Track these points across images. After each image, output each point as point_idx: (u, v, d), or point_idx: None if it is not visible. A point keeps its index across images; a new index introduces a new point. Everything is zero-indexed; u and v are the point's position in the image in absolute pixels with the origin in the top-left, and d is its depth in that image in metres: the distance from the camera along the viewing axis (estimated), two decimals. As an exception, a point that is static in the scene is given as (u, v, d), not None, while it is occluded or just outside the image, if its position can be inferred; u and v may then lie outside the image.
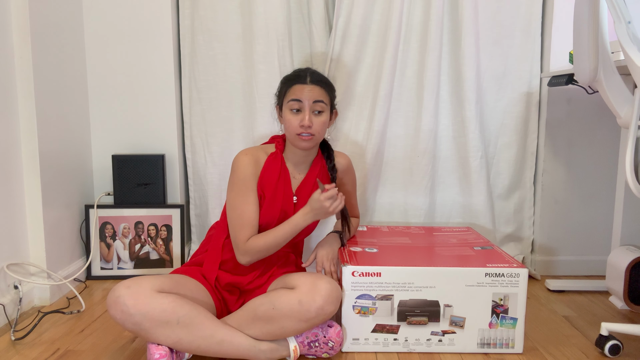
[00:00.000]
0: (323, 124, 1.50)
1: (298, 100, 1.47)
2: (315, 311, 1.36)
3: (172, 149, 2.18)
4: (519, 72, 2.16)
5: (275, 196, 1.51)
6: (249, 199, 1.47)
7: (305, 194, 1.56)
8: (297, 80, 1.50)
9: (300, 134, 1.47)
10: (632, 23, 1.31)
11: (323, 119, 1.49)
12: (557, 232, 2.21)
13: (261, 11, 2.06)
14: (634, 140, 1.38)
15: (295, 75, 1.53)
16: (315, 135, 1.48)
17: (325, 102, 1.50)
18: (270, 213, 1.50)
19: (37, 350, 1.51)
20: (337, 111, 1.61)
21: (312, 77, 1.51)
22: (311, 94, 1.47)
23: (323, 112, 1.49)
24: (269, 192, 1.51)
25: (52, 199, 1.88)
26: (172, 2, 2.12)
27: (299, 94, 1.47)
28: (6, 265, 1.70)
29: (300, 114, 1.47)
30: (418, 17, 2.09)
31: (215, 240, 1.57)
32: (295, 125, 1.47)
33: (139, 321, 1.30)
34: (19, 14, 1.73)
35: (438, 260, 1.54)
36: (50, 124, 1.87)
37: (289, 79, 1.53)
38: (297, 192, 1.56)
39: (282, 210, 1.52)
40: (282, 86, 1.55)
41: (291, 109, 1.48)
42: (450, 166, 2.20)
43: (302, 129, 1.46)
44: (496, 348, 1.50)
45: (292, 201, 1.55)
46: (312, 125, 1.46)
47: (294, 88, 1.49)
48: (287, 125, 1.49)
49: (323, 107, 1.49)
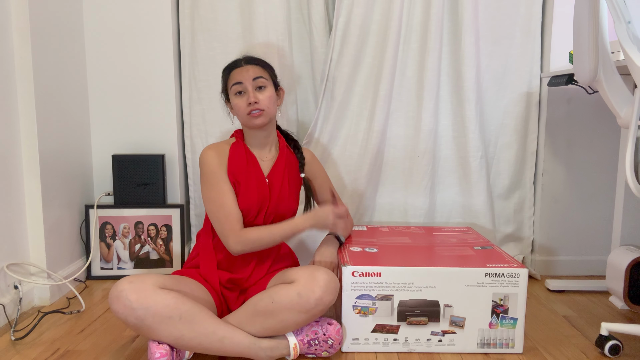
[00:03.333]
0: (269, 99, 1.54)
1: (239, 82, 1.53)
2: (314, 302, 1.36)
3: (172, 149, 2.18)
4: (519, 72, 2.16)
5: (249, 179, 1.54)
6: (224, 189, 1.50)
7: (278, 178, 1.58)
8: (234, 66, 1.57)
9: (250, 112, 1.51)
10: (632, 23, 1.31)
11: (268, 94, 1.54)
12: (557, 232, 2.21)
13: (261, 11, 2.06)
14: (634, 140, 1.38)
15: (231, 63, 1.60)
16: (265, 110, 1.52)
17: (265, 77, 1.55)
18: (248, 197, 1.52)
19: (37, 350, 1.51)
20: (283, 88, 1.65)
21: (247, 59, 1.58)
22: (249, 72, 1.53)
23: (265, 87, 1.54)
24: (241, 177, 1.53)
25: (52, 199, 1.88)
26: (172, 2, 2.12)
27: (239, 76, 1.53)
28: (6, 265, 1.70)
29: (245, 94, 1.53)
30: (418, 17, 2.09)
31: (204, 245, 1.58)
32: (243, 106, 1.52)
33: (141, 316, 1.30)
34: (19, 14, 1.73)
35: (438, 260, 1.54)
36: (50, 124, 1.87)
37: (227, 68, 1.60)
38: (269, 176, 1.58)
39: (258, 192, 1.54)
40: (223, 79, 1.61)
41: (235, 92, 1.54)
42: (450, 166, 2.20)
43: (250, 106, 1.51)
44: (496, 348, 1.50)
45: (266, 183, 1.56)
46: (259, 100, 1.51)
47: (233, 73, 1.56)
48: (237, 110, 1.55)
49: (264, 82, 1.54)
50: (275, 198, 1.56)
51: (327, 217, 1.51)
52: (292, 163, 1.65)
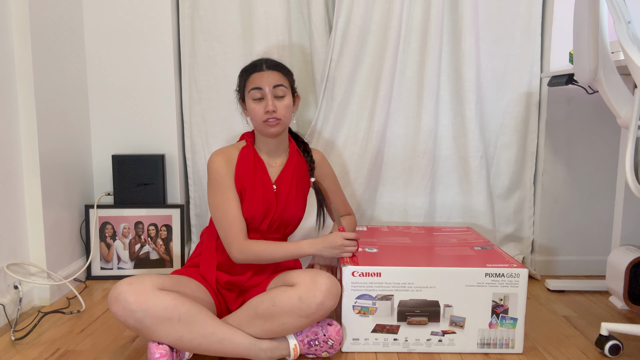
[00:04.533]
0: (287, 107, 1.51)
1: (258, 88, 1.49)
2: (315, 307, 1.36)
3: (172, 149, 2.18)
4: (519, 72, 2.16)
5: (255, 186, 1.52)
6: (229, 197, 1.49)
7: (286, 184, 1.57)
8: (254, 70, 1.53)
9: (267, 120, 1.49)
10: (632, 23, 1.31)
11: (286, 103, 1.51)
12: (557, 232, 2.21)
13: (261, 11, 2.06)
14: (634, 140, 1.38)
15: (251, 65, 1.56)
16: (281, 119, 1.50)
17: (285, 85, 1.52)
18: (254, 204, 1.51)
19: (37, 350, 1.51)
20: (299, 95, 1.63)
21: (268, 64, 1.54)
22: (270, 79, 1.50)
23: (285, 95, 1.52)
24: (247, 184, 1.52)
25: (52, 199, 1.88)
26: (172, 2, 2.12)
27: (258, 81, 1.50)
28: (6, 265, 1.70)
29: (263, 101, 1.49)
30: (418, 17, 2.09)
31: (207, 244, 1.58)
32: (261, 112, 1.49)
33: (140, 318, 1.30)
34: (19, 14, 1.73)
35: (438, 260, 1.54)
36: (50, 124, 1.87)
37: (246, 70, 1.56)
38: (277, 182, 1.57)
39: (264, 199, 1.52)
40: (241, 79, 1.57)
41: (253, 98, 1.50)
42: (450, 166, 2.20)
43: (268, 114, 1.48)
44: (496, 348, 1.50)
45: (273, 190, 1.55)
46: (277, 109, 1.49)
47: (253, 77, 1.52)
48: (252, 115, 1.52)
49: (284, 90, 1.51)
50: (282, 204, 1.55)
51: (335, 247, 1.47)
52: (301, 167, 1.63)
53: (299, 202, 1.59)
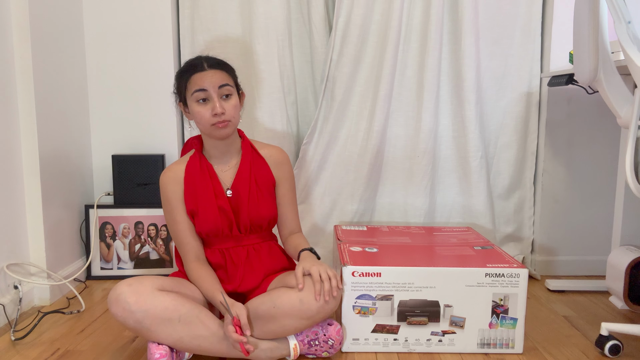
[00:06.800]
0: (235, 107, 1.43)
1: (202, 89, 1.40)
2: (316, 309, 1.36)
3: (172, 149, 2.18)
4: (519, 72, 2.16)
5: (207, 199, 1.47)
6: (177, 219, 1.48)
7: (244, 185, 1.50)
8: (195, 70, 1.43)
9: (216, 123, 1.40)
10: (632, 23, 1.31)
11: (233, 102, 1.43)
12: (557, 232, 2.21)
13: (261, 11, 2.06)
14: (634, 140, 1.38)
15: (190, 65, 1.45)
16: (231, 120, 1.42)
17: (230, 84, 1.44)
18: (208, 216, 1.47)
19: (37, 350, 1.51)
20: (244, 92, 1.54)
21: (209, 62, 1.44)
22: (214, 79, 1.41)
23: (231, 94, 1.43)
24: (199, 197, 1.47)
25: (52, 199, 1.88)
26: (172, 2, 2.12)
27: (201, 82, 1.40)
28: (6, 265, 1.70)
29: (209, 103, 1.41)
30: (418, 17, 2.09)
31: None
32: (208, 116, 1.40)
33: (140, 319, 1.30)
34: (19, 14, 1.73)
35: (438, 261, 1.54)
36: (50, 124, 1.87)
37: (185, 70, 1.45)
38: (233, 186, 1.50)
39: (219, 207, 1.47)
40: (180, 80, 1.47)
41: (197, 100, 1.41)
42: (450, 166, 2.20)
43: (216, 117, 1.40)
44: (496, 348, 1.50)
45: (226, 195, 1.49)
46: (225, 111, 1.40)
47: (194, 78, 1.42)
48: (198, 119, 1.42)
49: (230, 89, 1.43)
50: (244, 207, 1.49)
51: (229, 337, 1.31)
52: (259, 163, 1.54)
53: (264, 200, 1.52)
